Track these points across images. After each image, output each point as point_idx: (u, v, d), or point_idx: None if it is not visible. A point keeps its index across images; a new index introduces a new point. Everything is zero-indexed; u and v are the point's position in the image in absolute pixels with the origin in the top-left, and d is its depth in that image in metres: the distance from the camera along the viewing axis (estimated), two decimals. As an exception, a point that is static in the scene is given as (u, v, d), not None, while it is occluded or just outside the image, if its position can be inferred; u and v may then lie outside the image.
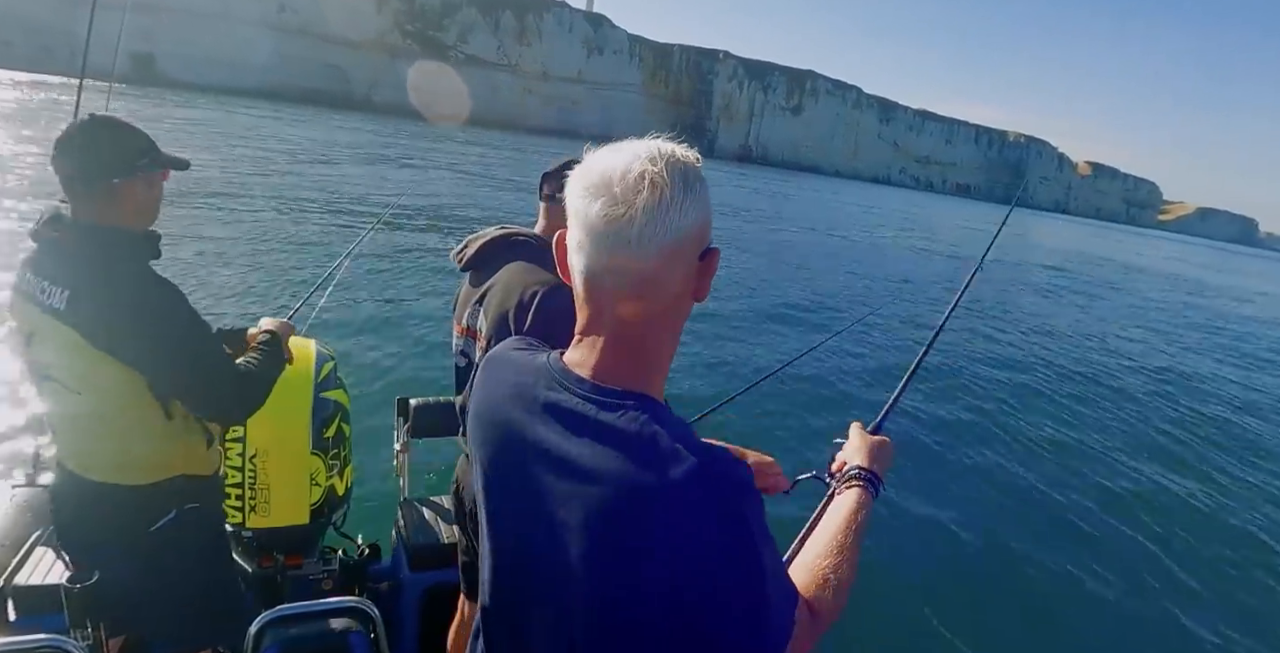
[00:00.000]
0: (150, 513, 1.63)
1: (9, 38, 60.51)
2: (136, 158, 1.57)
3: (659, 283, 0.79)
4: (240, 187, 15.30)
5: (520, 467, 0.84)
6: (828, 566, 0.94)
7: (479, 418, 0.94)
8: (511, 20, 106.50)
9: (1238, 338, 17.34)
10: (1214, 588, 4.95)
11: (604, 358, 0.82)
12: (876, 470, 1.13)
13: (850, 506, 1.05)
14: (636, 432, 0.76)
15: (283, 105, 59.87)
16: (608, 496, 0.75)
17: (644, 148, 0.80)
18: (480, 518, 0.95)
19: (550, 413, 0.82)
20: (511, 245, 1.80)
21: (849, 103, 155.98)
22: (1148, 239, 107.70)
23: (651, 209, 0.75)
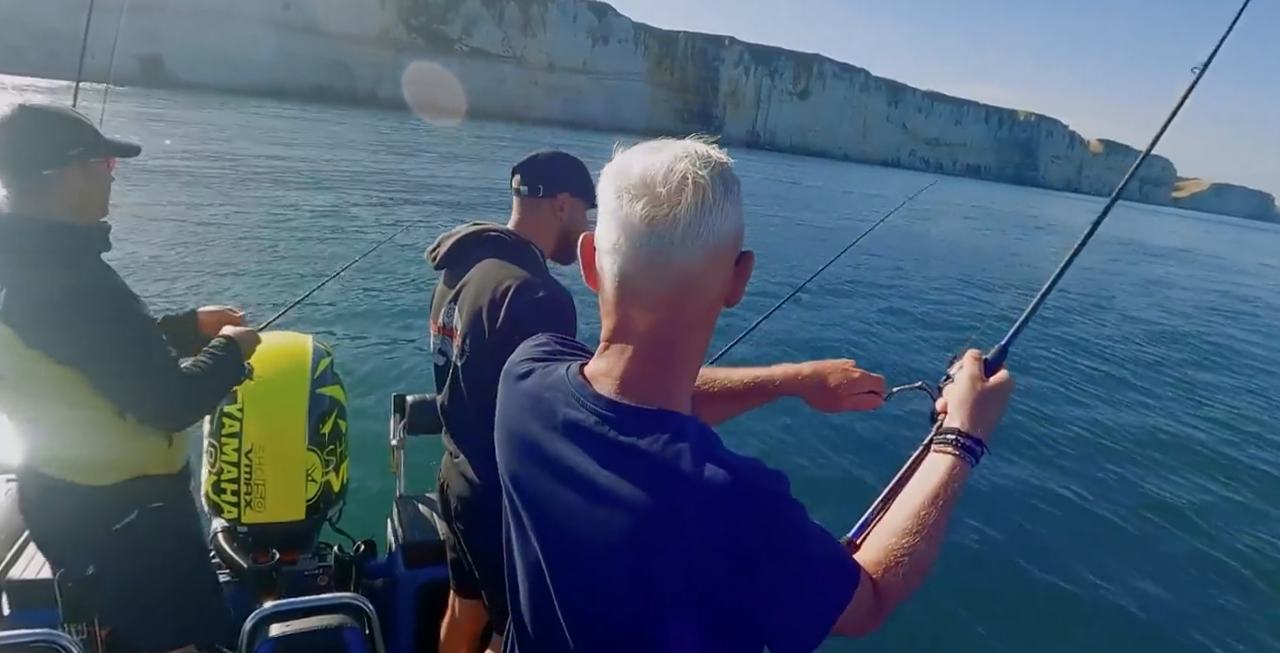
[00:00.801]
0: (111, 513, 1.61)
1: (18, 44, 60.97)
2: (68, 147, 1.49)
3: (698, 287, 0.77)
4: (244, 185, 15.35)
5: (544, 486, 0.82)
6: (903, 545, 0.86)
7: (502, 432, 0.91)
8: (515, 11, 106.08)
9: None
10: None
11: (630, 369, 0.79)
12: (981, 434, 0.98)
13: (940, 475, 0.93)
14: (658, 454, 0.73)
15: (289, 103, 60.04)
16: (631, 521, 0.73)
17: (681, 148, 0.77)
18: (507, 533, 0.92)
19: (569, 432, 0.80)
20: (483, 242, 1.78)
21: (857, 86, 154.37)
22: (1164, 217, 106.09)
23: (694, 210, 0.73)
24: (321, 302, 8.19)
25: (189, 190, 13.58)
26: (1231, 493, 6.20)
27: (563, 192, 1.79)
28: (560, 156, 1.82)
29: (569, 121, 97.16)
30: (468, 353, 1.70)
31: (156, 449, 1.67)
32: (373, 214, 13.84)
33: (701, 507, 0.70)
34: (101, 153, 1.56)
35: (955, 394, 1.03)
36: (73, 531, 1.63)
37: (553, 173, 1.79)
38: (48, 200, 1.50)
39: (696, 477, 0.71)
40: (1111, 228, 12.92)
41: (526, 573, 0.88)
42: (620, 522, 0.73)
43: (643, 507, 0.72)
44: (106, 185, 1.61)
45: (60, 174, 1.50)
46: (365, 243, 11.27)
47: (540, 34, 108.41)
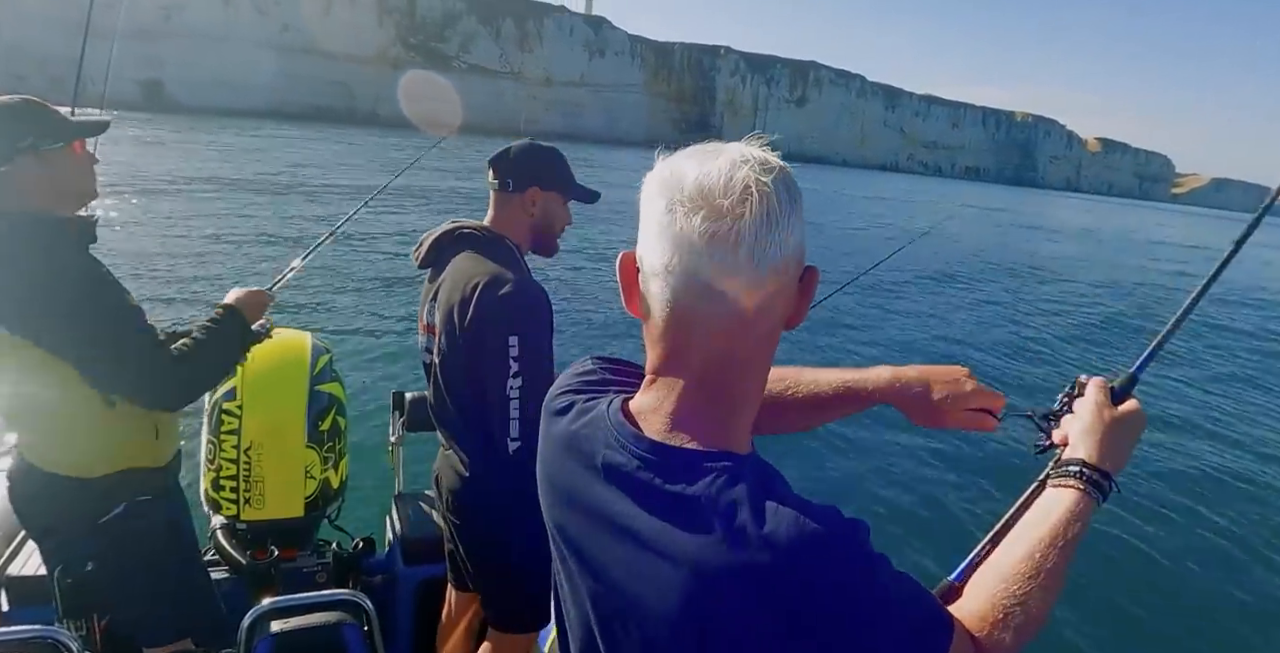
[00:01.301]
0: (99, 505, 1.60)
1: (22, 72, 61.65)
2: (17, 139, 1.46)
3: (763, 309, 0.67)
4: (241, 200, 15.46)
5: (588, 536, 0.74)
6: (1015, 594, 0.73)
7: (542, 475, 0.83)
8: (512, 27, 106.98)
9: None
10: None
11: (683, 405, 0.70)
12: (1110, 468, 0.84)
13: (1061, 513, 0.80)
14: (712, 502, 0.64)
15: (290, 123, 60.53)
16: (686, 580, 0.63)
17: (738, 153, 0.68)
18: (556, 580, 0.85)
19: (611, 477, 0.71)
20: (457, 239, 1.79)
21: (853, 92, 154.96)
22: (1168, 213, 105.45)
23: (760, 224, 0.64)
24: (322, 300, 8.23)
25: (189, 206, 13.68)
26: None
27: (532, 186, 1.78)
28: (532, 149, 1.81)
29: (568, 134, 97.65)
30: (444, 350, 1.72)
31: (144, 442, 1.66)
32: (375, 222, 13.91)
33: (766, 563, 0.61)
34: (58, 139, 1.51)
35: (1079, 423, 0.89)
36: (62, 524, 1.63)
37: (522, 167, 1.78)
38: (11, 194, 1.47)
39: (757, 528, 0.62)
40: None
41: (577, 626, 0.79)
42: (674, 581, 0.64)
43: (700, 563, 0.63)
44: (79, 171, 1.56)
45: (12, 166, 1.46)
46: (365, 248, 11.36)
47: (537, 49, 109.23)
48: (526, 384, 1.62)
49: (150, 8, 72.65)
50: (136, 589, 1.68)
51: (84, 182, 1.58)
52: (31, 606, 1.90)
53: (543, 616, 1.89)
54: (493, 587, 1.87)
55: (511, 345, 1.60)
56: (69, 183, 1.55)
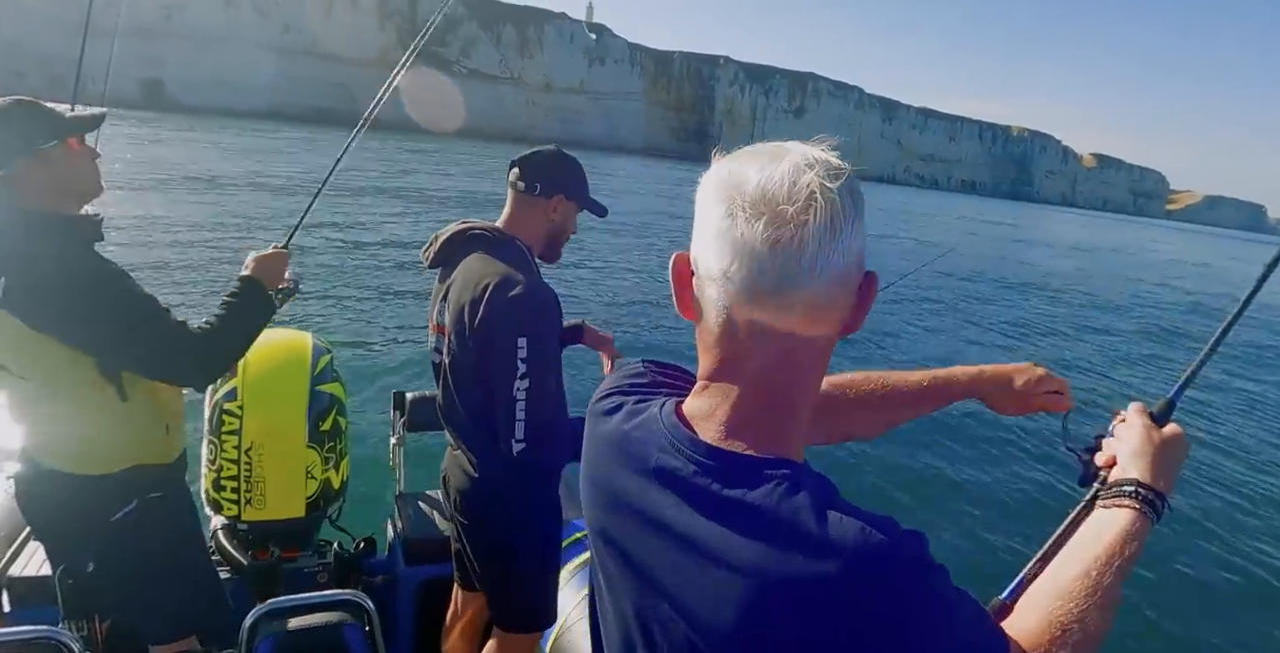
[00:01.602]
0: (110, 503, 1.61)
1: (22, 69, 61.60)
2: (10, 142, 1.47)
3: (823, 317, 0.66)
4: (239, 199, 15.45)
5: (637, 542, 0.72)
6: (1071, 612, 0.72)
7: (587, 478, 0.82)
8: (513, 33, 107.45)
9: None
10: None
11: (738, 411, 0.69)
12: (1163, 488, 0.84)
13: (1117, 533, 0.79)
14: (773, 510, 0.63)
15: (289, 125, 60.59)
16: (745, 589, 0.62)
17: (802, 156, 0.65)
18: (593, 586, 0.85)
19: (664, 481, 0.69)
20: (468, 240, 1.78)
21: (851, 103, 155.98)
22: (1164, 230, 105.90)
23: (824, 231, 0.62)
24: (322, 300, 8.23)
25: (187, 203, 13.67)
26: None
27: (559, 194, 1.79)
28: (562, 157, 1.82)
29: (567, 141, 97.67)
30: (454, 350, 1.71)
31: (154, 438, 1.67)
32: (376, 222, 13.92)
33: (830, 573, 0.60)
34: (52, 136, 1.50)
35: (1128, 444, 0.89)
36: (71, 523, 1.62)
37: (552, 174, 1.79)
38: (16, 197, 1.48)
39: (821, 537, 0.61)
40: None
41: (616, 630, 0.77)
42: (731, 588, 0.63)
43: (760, 572, 0.61)
44: (78, 168, 1.56)
45: (14, 169, 1.46)
46: (366, 248, 11.36)
47: (537, 55, 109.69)
48: (533, 386, 1.61)
49: (151, 7, 72.78)
50: (144, 586, 1.68)
51: (86, 178, 1.57)
52: (33, 606, 1.90)
53: (547, 616, 1.89)
54: (499, 587, 1.87)
55: (520, 347, 1.59)
56: (70, 181, 1.54)
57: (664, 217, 23.74)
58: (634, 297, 11.35)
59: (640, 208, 25.14)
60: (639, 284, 12.46)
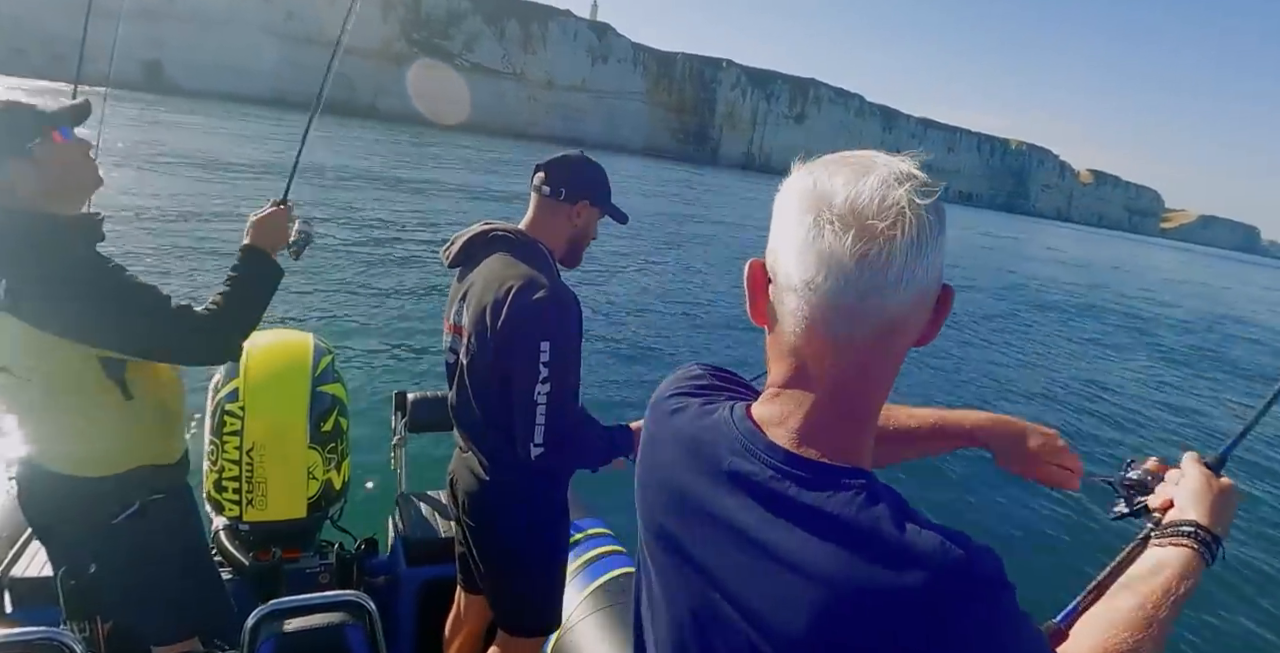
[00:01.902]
0: (113, 505, 1.61)
1: (22, 46, 61.04)
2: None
3: (902, 330, 0.67)
4: (236, 186, 15.38)
5: (703, 543, 0.72)
6: (1126, 642, 0.74)
7: (649, 476, 0.81)
8: (516, 29, 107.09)
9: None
10: None
11: (813, 419, 0.69)
12: (1220, 533, 0.86)
13: (1175, 570, 0.81)
14: (852, 518, 0.63)
15: (289, 112, 60.23)
16: (822, 595, 0.62)
17: (890, 170, 0.66)
18: (640, 585, 0.84)
19: (739, 485, 0.69)
20: (490, 241, 1.78)
21: (851, 111, 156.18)
22: (1160, 249, 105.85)
23: (912, 247, 0.63)
24: (324, 301, 8.20)
25: (185, 187, 13.59)
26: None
27: (584, 199, 1.79)
28: (588, 163, 1.83)
29: (568, 138, 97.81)
30: (473, 352, 1.70)
31: (158, 438, 1.68)
32: (376, 223, 13.87)
33: (910, 586, 0.60)
34: (34, 136, 1.45)
35: (1187, 489, 0.91)
36: (74, 525, 1.63)
37: (580, 179, 1.79)
38: (11, 199, 1.46)
39: (903, 549, 0.61)
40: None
41: (667, 632, 0.77)
42: (805, 596, 0.62)
43: (838, 580, 0.61)
44: (70, 162, 1.52)
45: (5, 175, 1.44)
46: (366, 249, 11.33)
47: (540, 51, 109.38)
48: (554, 390, 1.60)
49: (154, -13, 72.22)
50: (147, 587, 1.69)
51: (80, 173, 1.54)
52: (35, 607, 1.90)
53: (553, 620, 1.90)
54: (505, 591, 1.87)
55: (543, 350, 1.58)
56: (65, 177, 1.51)
57: (672, 218, 23.75)
58: (641, 298, 11.35)
59: (651, 209, 25.12)
60: (648, 286, 12.47)
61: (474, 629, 2.09)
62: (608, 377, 6.93)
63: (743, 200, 42.69)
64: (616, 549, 2.33)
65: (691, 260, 16.57)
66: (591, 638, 1.98)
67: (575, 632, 2.01)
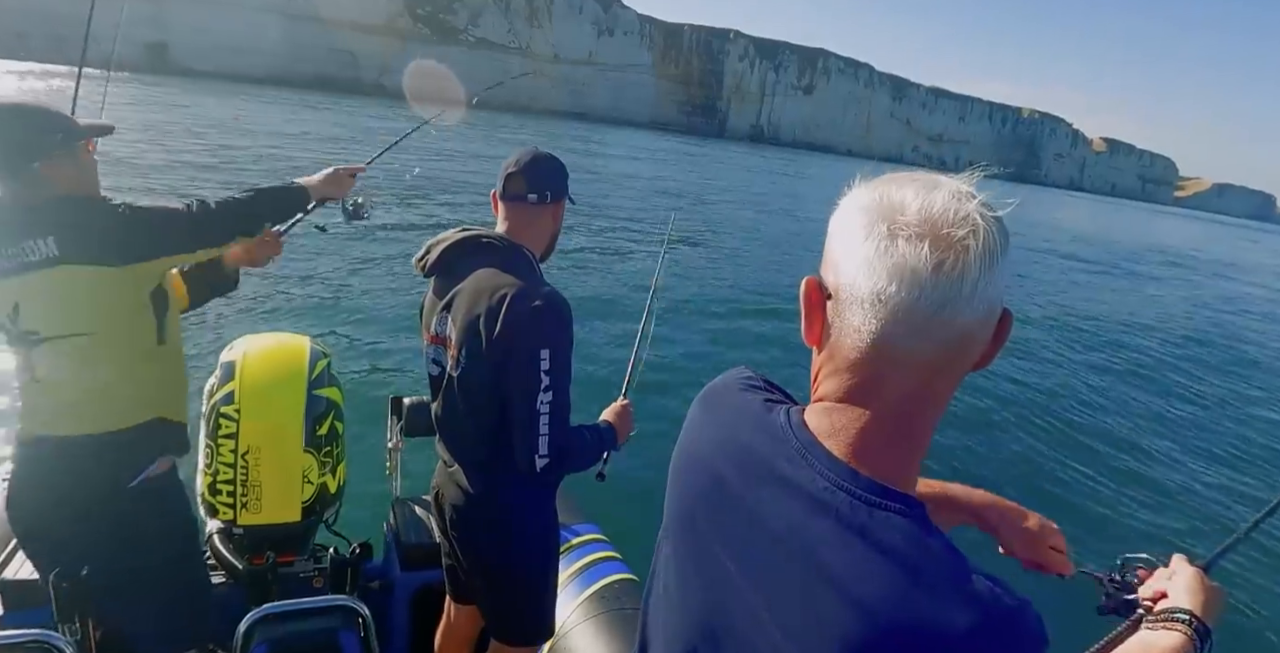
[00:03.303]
0: (132, 462, 1.69)
1: (24, 29, 60.71)
2: (49, 136, 1.61)
3: (968, 348, 0.66)
4: (236, 170, 15.34)
5: (743, 541, 0.71)
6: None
7: (693, 459, 0.80)
8: (522, 2, 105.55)
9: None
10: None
11: (867, 437, 0.67)
12: (1212, 626, 0.89)
13: (1166, 649, 0.85)
14: (906, 550, 0.61)
15: (294, 91, 59.86)
16: (858, 622, 0.60)
17: (953, 184, 0.66)
18: (658, 570, 0.84)
19: (787, 490, 0.68)
20: (475, 249, 1.73)
21: (861, 81, 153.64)
22: (1172, 218, 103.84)
23: (983, 258, 0.62)
24: (320, 304, 8.21)
25: (187, 172, 13.57)
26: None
27: (561, 197, 1.78)
28: (555, 160, 1.80)
29: (575, 113, 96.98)
30: (463, 363, 1.66)
31: (174, 389, 1.80)
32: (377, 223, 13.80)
33: (959, 628, 0.58)
34: (79, 136, 1.66)
35: (1181, 583, 0.95)
36: (89, 488, 1.66)
37: (558, 179, 1.78)
38: (45, 188, 1.60)
39: (957, 591, 0.59)
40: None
41: (684, 624, 0.78)
42: (842, 620, 0.61)
43: (883, 610, 0.60)
44: (92, 166, 1.71)
45: (48, 161, 1.60)
46: (365, 249, 11.30)
47: (546, 25, 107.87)
48: (555, 399, 1.58)
49: (156, -32, 71.46)
50: (147, 571, 1.72)
51: (95, 178, 1.72)
52: (26, 609, 1.91)
53: (547, 630, 1.91)
54: (498, 602, 1.87)
55: (543, 359, 1.56)
56: (88, 179, 1.69)
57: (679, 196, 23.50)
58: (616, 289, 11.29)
59: (656, 187, 24.84)
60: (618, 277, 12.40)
61: (466, 639, 2.10)
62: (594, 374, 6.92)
63: (757, 174, 41.97)
64: (612, 556, 2.33)
65: (696, 240, 16.42)
66: (586, 644, 1.99)
67: (570, 638, 2.03)
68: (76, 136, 1.65)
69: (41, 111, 1.63)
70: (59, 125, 1.63)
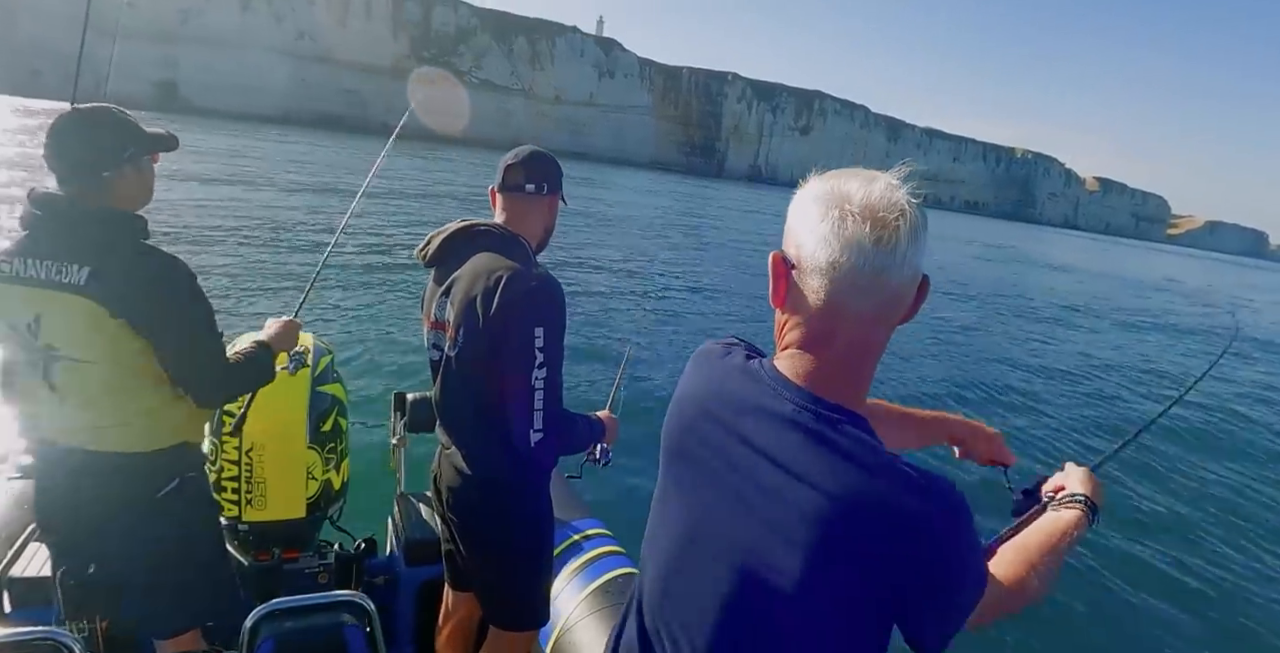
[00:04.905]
0: (156, 480, 1.67)
1: (39, 67, 62.12)
2: (121, 150, 1.61)
3: (898, 304, 0.85)
4: (251, 202, 15.53)
5: (729, 455, 0.88)
6: (1032, 563, 1.00)
7: (686, 402, 0.98)
8: (524, 45, 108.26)
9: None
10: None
11: (823, 372, 0.86)
12: (1098, 503, 1.16)
13: (1070, 522, 1.10)
14: (852, 446, 0.80)
15: (301, 130, 60.99)
16: (824, 504, 0.79)
17: (886, 177, 0.86)
18: (662, 486, 1.01)
19: (763, 414, 0.86)
20: (473, 237, 1.78)
21: (857, 122, 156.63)
22: (1167, 256, 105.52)
23: (910, 233, 0.82)
24: (324, 301, 8.25)
25: (199, 204, 13.74)
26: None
27: (556, 191, 1.86)
28: (551, 157, 1.88)
29: (576, 153, 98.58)
30: (460, 343, 1.71)
31: (198, 416, 1.77)
32: (376, 223, 13.97)
33: (910, 505, 0.78)
34: (148, 149, 1.68)
35: (1075, 477, 1.22)
36: (114, 503, 1.66)
37: (555, 173, 1.86)
38: (108, 197, 1.61)
39: (905, 479, 0.79)
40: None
41: (681, 524, 0.95)
42: (814, 504, 0.79)
43: (840, 492, 0.79)
44: (153, 177, 1.72)
45: (117, 174, 1.61)
46: (366, 249, 11.41)
47: (548, 67, 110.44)
48: (549, 376, 1.62)
49: (168, 10, 73.53)
50: (172, 569, 1.71)
51: (152, 188, 1.74)
52: (34, 607, 1.90)
53: (542, 614, 1.90)
54: (493, 585, 1.87)
55: (537, 336, 1.60)
56: (147, 190, 1.72)
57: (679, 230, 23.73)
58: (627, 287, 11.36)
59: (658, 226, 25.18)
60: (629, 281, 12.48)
61: (465, 626, 2.08)
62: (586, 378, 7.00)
63: (753, 212, 42.61)
64: (616, 550, 2.31)
65: (683, 261, 16.56)
66: (591, 639, 1.96)
67: (575, 632, 2.00)
68: (146, 150, 1.66)
69: (121, 122, 1.62)
70: (133, 138, 1.63)
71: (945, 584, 0.82)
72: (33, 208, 1.57)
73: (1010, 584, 0.96)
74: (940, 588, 0.82)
